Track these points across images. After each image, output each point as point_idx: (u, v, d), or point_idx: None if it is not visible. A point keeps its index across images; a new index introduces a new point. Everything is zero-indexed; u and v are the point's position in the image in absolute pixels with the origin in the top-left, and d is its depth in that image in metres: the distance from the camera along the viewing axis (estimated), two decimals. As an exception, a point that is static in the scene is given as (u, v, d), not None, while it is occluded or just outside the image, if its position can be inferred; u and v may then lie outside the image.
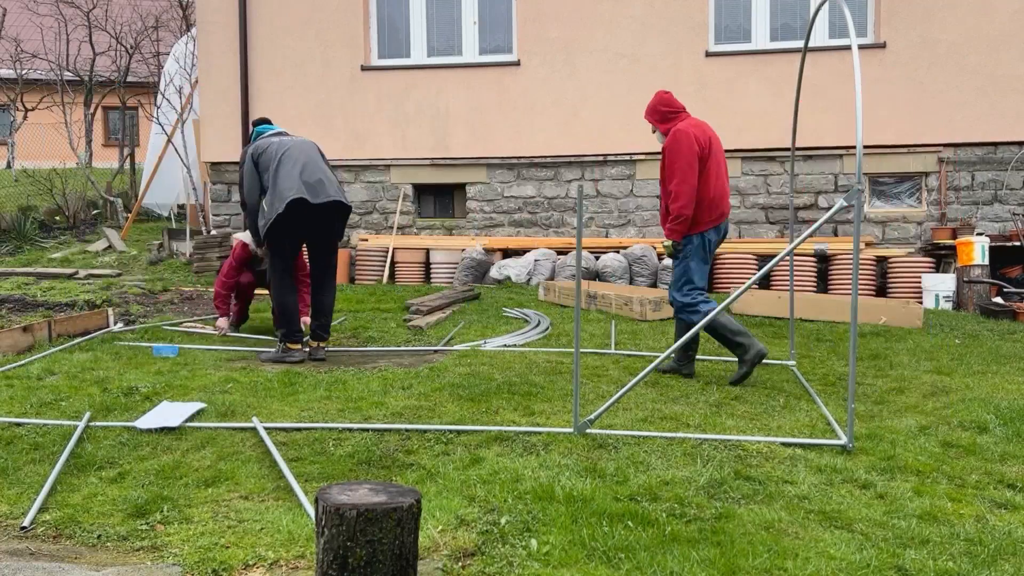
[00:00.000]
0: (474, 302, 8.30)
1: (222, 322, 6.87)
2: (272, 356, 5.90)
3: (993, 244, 8.90)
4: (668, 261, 9.37)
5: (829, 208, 9.59)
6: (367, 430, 4.10)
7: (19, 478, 3.58)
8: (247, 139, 10.59)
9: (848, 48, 9.40)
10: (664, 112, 5.35)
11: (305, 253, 6.33)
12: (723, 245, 9.78)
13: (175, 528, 3.07)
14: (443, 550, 2.82)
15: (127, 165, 16.24)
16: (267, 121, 6.41)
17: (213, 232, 10.99)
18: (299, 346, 5.92)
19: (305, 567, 2.74)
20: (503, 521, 3.02)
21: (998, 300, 8.45)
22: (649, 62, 10.05)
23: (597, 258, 9.61)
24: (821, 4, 4.77)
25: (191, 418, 4.28)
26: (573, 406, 4.07)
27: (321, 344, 6.05)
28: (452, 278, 9.89)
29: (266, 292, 9.00)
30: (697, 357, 5.75)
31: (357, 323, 7.23)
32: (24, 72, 17.65)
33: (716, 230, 5.29)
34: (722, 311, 4.88)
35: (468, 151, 10.49)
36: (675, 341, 5.28)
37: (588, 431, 4.03)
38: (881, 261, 9.52)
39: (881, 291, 9.47)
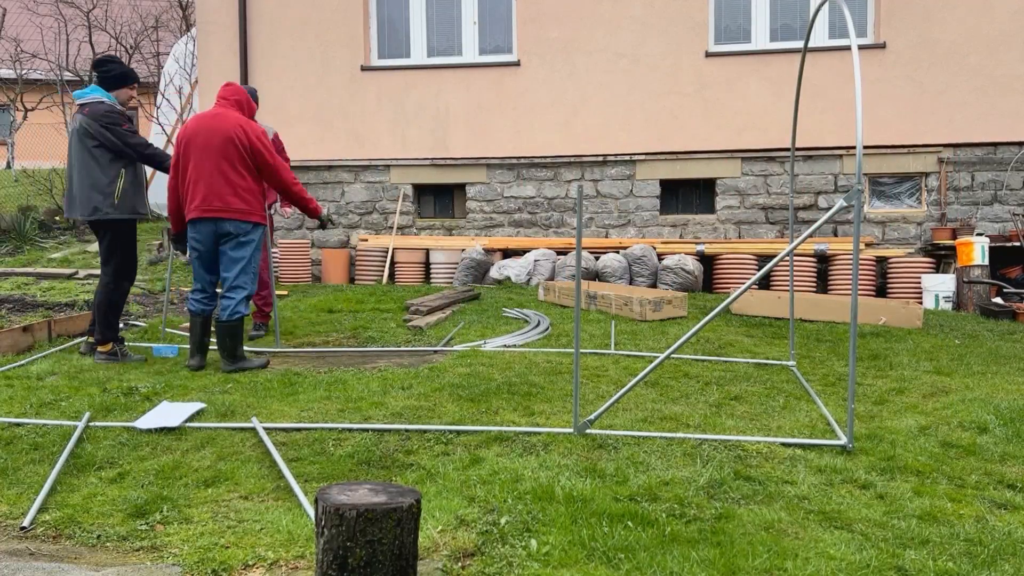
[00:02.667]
0: (474, 302, 8.29)
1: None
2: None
3: (993, 244, 8.91)
4: (668, 261, 9.37)
5: (829, 208, 9.59)
6: (367, 430, 4.10)
7: (19, 478, 3.58)
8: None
9: (848, 48, 9.41)
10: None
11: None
12: (723, 245, 9.88)
13: (175, 528, 3.06)
14: (443, 550, 2.82)
15: (127, 165, 16.22)
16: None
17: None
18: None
19: (305, 567, 2.74)
20: (503, 521, 3.02)
21: (998, 300, 8.45)
22: (649, 62, 10.05)
23: (597, 258, 9.61)
24: (821, 4, 4.77)
25: (191, 418, 4.28)
26: (573, 406, 4.07)
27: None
28: (452, 278, 9.89)
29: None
30: (697, 357, 5.75)
31: (357, 323, 7.23)
32: (24, 72, 17.67)
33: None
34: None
35: (468, 151, 10.50)
36: None
37: (588, 431, 4.03)
38: (881, 261, 9.52)
39: (881, 291, 9.47)
